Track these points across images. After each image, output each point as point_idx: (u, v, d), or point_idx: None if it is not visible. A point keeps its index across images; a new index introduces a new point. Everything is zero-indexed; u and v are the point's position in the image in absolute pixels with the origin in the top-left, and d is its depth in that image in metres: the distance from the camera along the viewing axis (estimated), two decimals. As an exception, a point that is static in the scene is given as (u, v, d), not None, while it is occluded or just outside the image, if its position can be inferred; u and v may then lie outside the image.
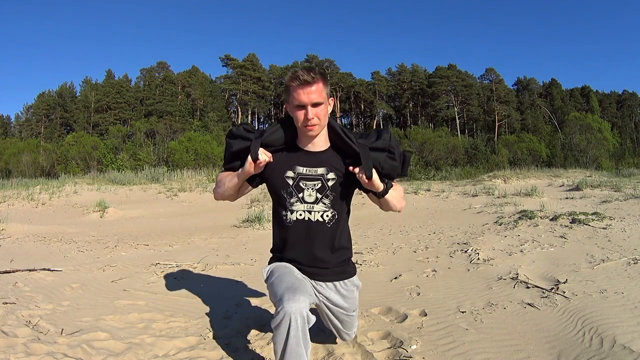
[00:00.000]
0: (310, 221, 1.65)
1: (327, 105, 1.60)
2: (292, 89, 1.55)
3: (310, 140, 1.66)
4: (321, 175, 1.65)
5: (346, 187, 1.68)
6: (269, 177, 1.69)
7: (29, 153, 33.90)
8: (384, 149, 1.65)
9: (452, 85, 49.69)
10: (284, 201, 1.66)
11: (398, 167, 1.70)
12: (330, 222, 1.67)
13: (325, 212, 1.66)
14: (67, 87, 51.46)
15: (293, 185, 1.65)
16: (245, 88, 49.91)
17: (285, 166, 1.66)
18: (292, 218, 1.66)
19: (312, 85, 1.54)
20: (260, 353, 2.03)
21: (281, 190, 1.66)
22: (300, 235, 1.67)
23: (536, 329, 2.17)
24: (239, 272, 3.68)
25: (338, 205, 1.67)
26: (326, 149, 1.68)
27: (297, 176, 1.65)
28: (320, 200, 1.65)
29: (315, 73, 1.55)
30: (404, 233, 5.64)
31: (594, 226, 4.86)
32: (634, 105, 54.37)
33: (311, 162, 1.66)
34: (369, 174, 1.57)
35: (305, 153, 1.67)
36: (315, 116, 1.56)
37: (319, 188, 1.64)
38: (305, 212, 1.65)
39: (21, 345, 1.87)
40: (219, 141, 33.01)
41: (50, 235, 6.03)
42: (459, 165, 29.87)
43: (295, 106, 1.57)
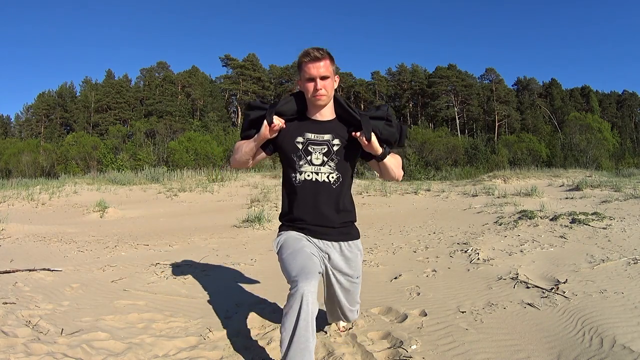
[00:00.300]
0: (317, 181, 1.83)
1: (333, 79, 1.81)
2: (304, 64, 1.77)
3: (318, 110, 1.86)
4: (327, 141, 1.84)
5: (349, 152, 1.85)
6: (282, 142, 1.86)
7: (29, 153, 33.90)
8: (383, 118, 1.87)
9: (452, 85, 49.70)
10: (294, 164, 1.84)
11: (395, 134, 1.90)
12: (335, 183, 1.84)
13: (330, 173, 1.83)
14: (67, 87, 51.46)
15: (302, 150, 1.83)
16: (245, 88, 49.90)
17: (296, 133, 1.85)
18: (300, 178, 1.83)
19: (321, 60, 1.75)
20: (261, 353, 2.03)
21: (291, 154, 1.84)
22: (308, 194, 1.84)
23: (536, 329, 2.17)
24: (239, 272, 3.68)
25: (342, 168, 1.85)
26: (332, 119, 1.88)
27: (306, 141, 1.83)
28: (326, 163, 1.83)
29: (323, 51, 1.77)
30: (404, 233, 5.64)
31: (594, 226, 4.86)
32: (633, 105, 54.37)
33: (319, 130, 1.85)
34: (368, 137, 1.77)
35: (313, 122, 1.86)
36: (323, 87, 1.77)
37: (325, 152, 1.83)
38: (312, 174, 1.83)
39: (21, 345, 1.87)
40: (219, 141, 33.03)
41: (50, 235, 6.03)
42: (459, 165, 29.88)
43: (306, 79, 1.77)
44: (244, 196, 11.72)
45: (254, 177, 16.54)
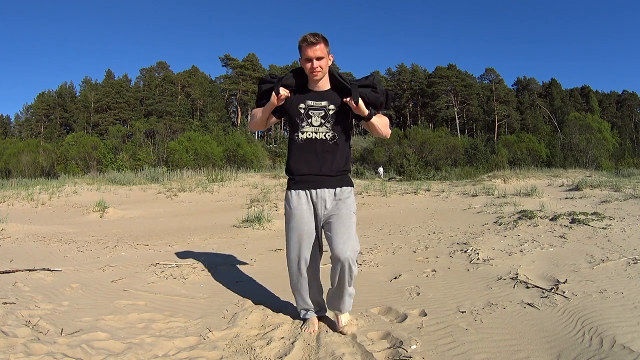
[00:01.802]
0: (316, 139, 2.22)
1: (327, 59, 2.18)
2: (302, 48, 2.14)
3: (316, 83, 2.24)
4: (324, 107, 2.23)
5: (342, 115, 2.24)
6: (288, 108, 2.26)
7: (29, 153, 33.89)
8: (369, 86, 2.25)
9: (451, 85, 49.72)
10: (297, 125, 2.23)
11: (380, 99, 2.26)
12: (331, 140, 2.23)
13: (327, 132, 2.22)
14: (67, 87, 51.44)
15: (304, 114, 2.23)
16: (245, 88, 49.91)
17: (299, 100, 2.25)
18: (302, 137, 2.23)
19: (316, 44, 2.12)
20: (261, 353, 2.03)
21: (296, 118, 2.24)
22: (309, 149, 2.22)
23: (536, 329, 2.17)
24: (239, 272, 3.68)
25: (337, 128, 2.24)
26: (328, 89, 2.27)
27: (307, 107, 2.23)
28: (323, 125, 2.22)
29: (318, 36, 2.13)
30: (403, 233, 5.64)
31: (593, 226, 4.86)
32: (633, 105, 54.40)
33: (317, 98, 2.24)
34: (355, 101, 2.14)
35: (312, 92, 2.26)
36: (318, 66, 2.14)
37: (322, 116, 2.23)
38: (312, 133, 2.22)
39: (21, 345, 1.86)
40: (219, 141, 33.03)
41: (50, 235, 6.02)
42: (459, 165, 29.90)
43: (304, 59, 2.15)
44: (244, 196, 11.72)
45: (253, 177, 16.53)
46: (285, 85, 2.24)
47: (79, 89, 51.49)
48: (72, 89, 51.70)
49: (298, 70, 2.28)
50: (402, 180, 23.01)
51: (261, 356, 2.01)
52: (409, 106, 53.12)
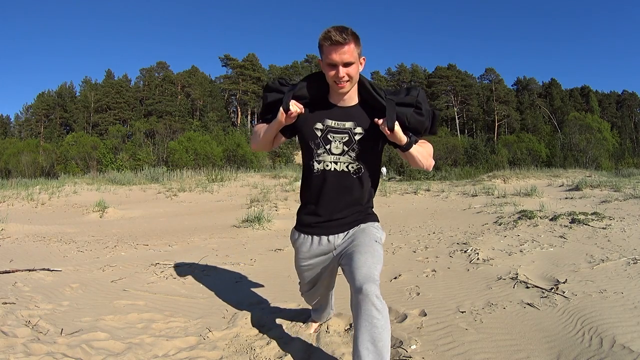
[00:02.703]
0: (336, 171, 1.73)
1: (358, 64, 1.64)
2: (325, 49, 1.60)
3: (340, 96, 1.71)
4: (349, 129, 1.71)
5: (373, 142, 1.73)
6: (300, 128, 1.76)
7: (29, 153, 33.88)
8: (411, 104, 1.70)
9: (451, 85, 49.73)
10: (312, 152, 1.74)
11: (425, 123, 1.73)
12: (355, 173, 1.74)
13: (350, 163, 1.73)
14: (67, 87, 51.44)
15: (321, 137, 1.72)
16: (244, 88, 49.92)
17: (315, 118, 1.73)
18: (319, 168, 1.74)
19: (344, 45, 1.57)
20: (260, 353, 2.03)
21: (310, 142, 1.73)
22: (325, 185, 1.75)
23: (536, 328, 2.17)
24: (239, 272, 3.68)
25: (364, 158, 1.73)
26: (355, 104, 1.74)
27: (325, 128, 1.72)
28: (346, 153, 1.71)
29: (347, 34, 1.57)
30: (403, 233, 5.64)
31: (593, 226, 4.86)
32: (633, 105, 54.41)
33: (340, 116, 1.72)
34: (390, 126, 1.61)
35: (334, 107, 1.73)
36: (346, 74, 1.61)
37: (345, 141, 1.71)
38: (331, 163, 1.73)
39: (21, 345, 1.86)
40: (219, 141, 33.04)
41: (49, 235, 6.02)
42: (459, 165, 29.91)
43: (327, 64, 1.62)
44: (244, 196, 11.72)
45: (253, 177, 16.53)
46: (298, 97, 1.71)
47: (79, 89, 51.52)
48: (72, 89, 51.72)
49: (315, 77, 1.75)
50: (402, 180, 23.02)
51: (261, 356, 2.01)
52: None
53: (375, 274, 1.59)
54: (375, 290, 1.52)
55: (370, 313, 1.47)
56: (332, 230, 1.80)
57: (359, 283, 1.53)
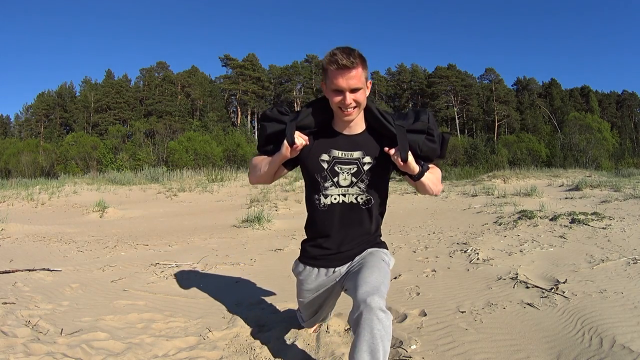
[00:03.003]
0: (344, 204, 1.65)
1: (365, 89, 1.56)
2: (330, 73, 1.50)
3: (346, 123, 1.62)
4: (357, 159, 1.62)
5: (382, 170, 1.66)
6: (304, 160, 1.66)
7: (29, 153, 33.89)
8: (423, 131, 1.62)
9: (451, 85, 49.72)
10: (318, 185, 1.64)
11: (436, 149, 1.66)
12: (365, 204, 1.66)
13: (359, 195, 1.65)
14: (67, 87, 51.42)
15: (328, 169, 1.62)
16: (244, 88, 49.90)
17: (321, 149, 1.63)
18: (326, 202, 1.65)
19: (352, 70, 1.48)
20: (260, 353, 2.03)
21: (315, 174, 1.64)
22: (333, 219, 1.66)
23: (536, 328, 2.17)
24: (239, 272, 3.68)
25: (373, 188, 1.66)
26: (362, 131, 1.65)
27: (332, 160, 1.62)
28: (355, 184, 1.63)
29: (354, 57, 1.48)
30: (403, 233, 5.64)
31: (593, 226, 4.86)
32: (633, 105, 54.42)
33: (347, 146, 1.63)
34: (404, 157, 1.54)
35: (341, 136, 1.64)
36: (353, 101, 1.52)
37: (354, 172, 1.62)
38: (339, 196, 1.64)
39: (21, 345, 1.87)
40: (219, 141, 33.04)
41: (49, 235, 6.02)
42: (459, 165, 29.90)
43: (333, 90, 1.52)
44: (244, 196, 11.72)
45: (253, 177, 16.51)
46: (302, 127, 1.60)
47: (79, 89, 51.49)
48: (72, 89, 51.70)
49: (319, 103, 1.64)
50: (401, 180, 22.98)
51: (261, 356, 2.01)
52: (409, 106, 53.15)
53: (382, 289, 1.48)
54: (381, 303, 1.41)
55: (371, 323, 1.36)
56: (339, 263, 1.72)
57: (364, 295, 1.42)
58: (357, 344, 1.37)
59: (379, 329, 1.35)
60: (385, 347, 1.36)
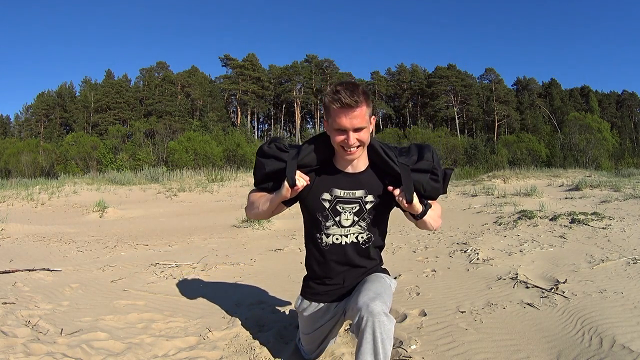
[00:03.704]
0: (346, 244, 1.63)
1: (369, 128, 1.50)
2: (333, 112, 1.46)
3: (349, 162, 1.58)
4: (359, 198, 1.59)
5: (384, 208, 1.64)
6: (305, 198, 1.62)
7: (29, 153, 33.88)
8: (427, 171, 1.58)
9: (451, 85, 49.70)
10: (319, 224, 1.62)
11: (440, 189, 1.64)
12: (364, 243, 1.64)
13: (360, 234, 1.62)
14: (67, 87, 51.42)
15: (329, 209, 1.59)
16: (244, 88, 49.89)
17: (322, 188, 1.59)
18: (327, 242, 1.63)
19: (355, 109, 1.43)
20: (260, 353, 2.03)
21: (316, 213, 1.61)
22: (334, 257, 1.64)
23: (536, 328, 2.17)
24: (239, 272, 3.68)
25: (374, 227, 1.64)
26: (365, 169, 1.61)
27: (334, 199, 1.59)
28: (356, 223, 1.60)
29: (358, 95, 1.43)
30: (403, 233, 5.64)
31: (593, 226, 4.86)
32: (633, 105, 54.43)
33: (349, 185, 1.59)
34: (409, 199, 1.51)
35: (343, 174, 1.60)
36: (356, 141, 1.48)
37: (356, 211, 1.59)
38: (341, 237, 1.62)
39: (21, 346, 1.86)
40: (219, 141, 33.04)
41: (49, 235, 6.02)
42: (459, 165, 29.93)
43: (335, 129, 1.48)
44: (244, 196, 11.72)
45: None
46: (303, 166, 1.55)
47: (79, 89, 51.47)
48: (72, 89, 51.68)
49: (320, 140, 1.58)
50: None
51: (261, 356, 2.01)
52: (409, 106, 53.14)
53: (385, 297, 1.45)
54: (384, 308, 1.39)
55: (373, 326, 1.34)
56: (342, 297, 1.69)
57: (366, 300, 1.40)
58: (361, 349, 1.35)
59: (381, 331, 1.34)
60: (386, 351, 1.35)
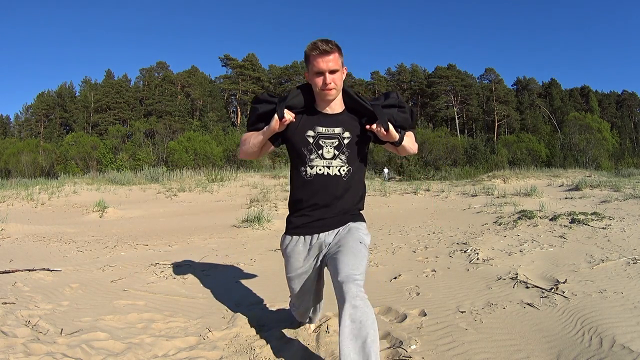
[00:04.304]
0: (329, 175, 1.85)
1: (342, 72, 1.80)
2: (312, 58, 1.74)
3: (327, 104, 1.86)
4: (338, 134, 1.85)
5: (360, 144, 1.88)
6: (291, 136, 1.87)
7: (29, 153, 33.88)
8: (394, 105, 1.89)
9: (451, 85, 49.73)
10: (305, 158, 1.85)
11: (408, 118, 1.92)
12: (346, 175, 1.87)
13: (342, 166, 1.85)
14: (67, 87, 51.43)
15: (313, 143, 1.85)
16: (244, 88, 49.90)
17: (306, 126, 1.86)
18: (312, 173, 1.85)
19: (330, 54, 1.73)
20: (260, 353, 2.03)
21: (302, 148, 1.85)
22: (318, 188, 1.86)
23: (535, 328, 2.17)
24: (239, 272, 3.68)
25: (353, 160, 1.87)
26: (342, 111, 1.89)
27: (316, 135, 1.85)
28: (337, 157, 1.85)
29: (332, 44, 1.74)
30: (403, 233, 5.64)
31: (593, 226, 4.86)
32: (633, 105, 54.46)
33: (329, 123, 1.86)
34: (386, 127, 1.78)
35: (323, 115, 1.87)
36: (332, 81, 1.76)
37: (336, 145, 1.85)
38: (324, 168, 1.85)
39: (21, 346, 1.86)
40: (218, 141, 33.05)
41: (49, 235, 6.02)
42: (459, 165, 29.93)
43: (314, 73, 1.76)
44: (244, 196, 11.72)
45: (253, 177, 16.53)
46: (290, 107, 1.83)
47: (79, 89, 51.51)
48: (72, 89, 51.71)
49: (304, 88, 1.89)
50: (401, 180, 23.03)
51: (261, 356, 2.01)
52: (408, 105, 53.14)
53: (356, 274, 1.65)
54: (354, 290, 1.57)
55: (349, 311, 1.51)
56: (323, 229, 1.88)
57: (339, 283, 1.62)
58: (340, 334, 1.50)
59: (358, 315, 1.51)
60: (366, 329, 1.48)
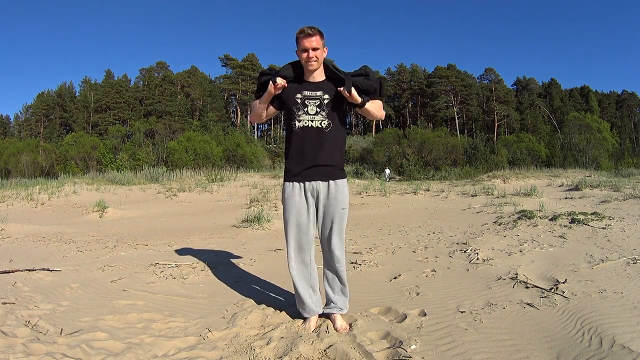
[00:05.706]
0: (312, 127, 2.34)
1: (322, 50, 2.32)
2: (300, 39, 2.28)
3: (311, 73, 2.38)
4: (319, 96, 2.36)
5: (337, 104, 2.37)
6: (285, 98, 2.37)
7: (28, 153, 33.86)
8: (361, 74, 2.39)
9: (451, 85, 49.73)
10: (294, 114, 2.35)
11: (373, 85, 2.39)
12: (327, 128, 2.35)
13: (322, 120, 2.35)
14: (67, 87, 51.42)
15: (300, 103, 2.35)
16: (244, 88, 49.90)
17: (296, 91, 2.37)
18: (299, 125, 2.35)
19: (313, 36, 2.27)
20: (260, 353, 2.03)
21: (292, 106, 2.35)
22: (306, 137, 2.33)
23: (535, 328, 2.18)
24: (239, 272, 3.68)
25: (332, 116, 2.36)
26: (323, 80, 2.41)
27: (303, 97, 2.36)
28: (319, 113, 2.35)
29: (314, 29, 2.28)
30: (403, 233, 5.64)
31: (593, 226, 4.86)
32: (633, 105, 54.47)
33: (313, 88, 2.37)
34: (348, 89, 2.27)
35: (308, 83, 2.39)
36: (314, 56, 2.28)
37: (318, 104, 2.36)
38: (309, 121, 2.34)
39: (20, 346, 1.86)
40: (218, 141, 33.03)
41: (49, 235, 6.02)
42: (458, 165, 29.94)
43: (301, 50, 2.29)
44: (244, 196, 11.72)
45: (253, 177, 16.53)
46: (283, 76, 2.35)
47: (79, 89, 51.52)
48: (72, 89, 51.70)
49: (295, 63, 2.41)
50: (401, 180, 23.03)
51: (261, 356, 2.01)
52: (409, 106, 53.19)
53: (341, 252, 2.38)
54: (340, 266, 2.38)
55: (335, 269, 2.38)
56: (315, 177, 2.33)
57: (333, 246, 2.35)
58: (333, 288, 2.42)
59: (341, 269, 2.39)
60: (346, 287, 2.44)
